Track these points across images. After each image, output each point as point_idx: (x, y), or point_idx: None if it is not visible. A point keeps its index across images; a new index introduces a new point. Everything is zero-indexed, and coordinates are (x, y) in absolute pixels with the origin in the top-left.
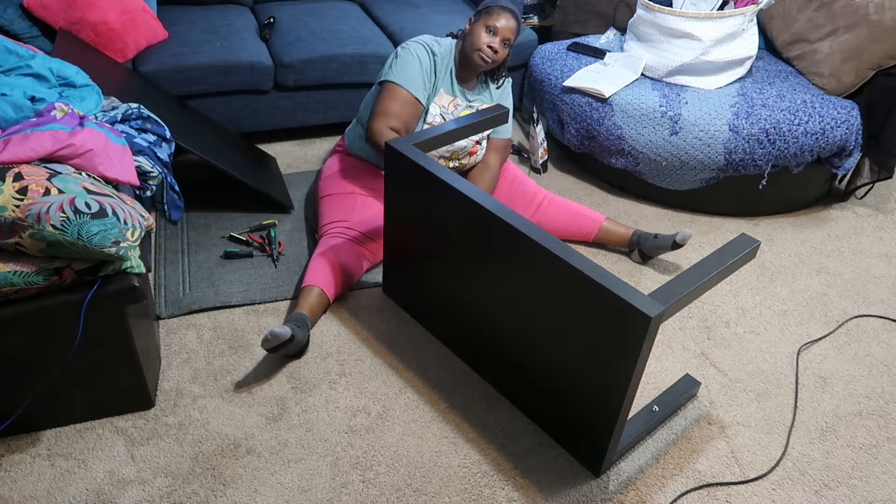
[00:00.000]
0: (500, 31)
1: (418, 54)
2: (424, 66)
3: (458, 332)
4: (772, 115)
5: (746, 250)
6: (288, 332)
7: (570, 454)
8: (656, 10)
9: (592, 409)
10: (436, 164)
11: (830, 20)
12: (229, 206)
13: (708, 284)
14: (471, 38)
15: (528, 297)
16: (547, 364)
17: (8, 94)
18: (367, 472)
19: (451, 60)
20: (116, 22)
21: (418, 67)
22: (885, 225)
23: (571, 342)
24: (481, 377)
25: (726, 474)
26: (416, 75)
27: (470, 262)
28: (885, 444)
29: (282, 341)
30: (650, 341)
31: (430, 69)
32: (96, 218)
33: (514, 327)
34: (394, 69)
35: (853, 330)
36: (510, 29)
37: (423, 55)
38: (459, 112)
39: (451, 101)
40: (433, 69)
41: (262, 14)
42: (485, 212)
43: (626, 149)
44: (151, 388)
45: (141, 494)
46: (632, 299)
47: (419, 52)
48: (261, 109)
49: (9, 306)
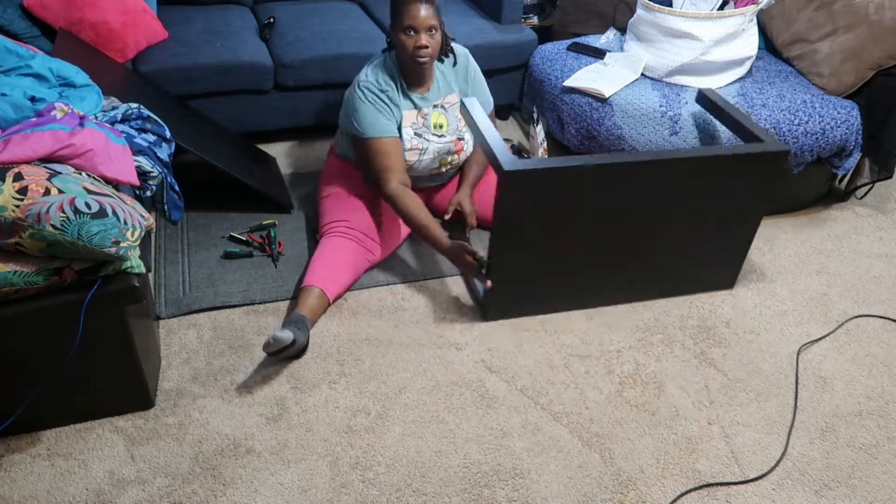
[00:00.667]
0: (420, 26)
1: (371, 101)
2: (382, 107)
3: (585, 285)
4: (772, 115)
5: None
6: (290, 337)
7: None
8: (656, 10)
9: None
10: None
11: (830, 20)
12: (229, 206)
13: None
14: (399, 49)
15: (666, 200)
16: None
17: (8, 94)
18: (366, 473)
19: (397, 79)
20: (116, 22)
21: (377, 110)
22: (885, 225)
23: (704, 212)
24: (602, 306)
25: (726, 474)
26: (378, 118)
27: (609, 214)
28: (885, 444)
29: (283, 346)
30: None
31: (386, 103)
32: (96, 218)
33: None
34: (363, 125)
35: (853, 330)
36: (428, 17)
37: (374, 98)
38: (430, 120)
39: (415, 114)
40: (388, 101)
41: (262, 14)
42: (626, 165)
43: (626, 149)
44: (151, 388)
45: (141, 494)
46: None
47: (370, 98)
48: (261, 109)
49: (9, 306)
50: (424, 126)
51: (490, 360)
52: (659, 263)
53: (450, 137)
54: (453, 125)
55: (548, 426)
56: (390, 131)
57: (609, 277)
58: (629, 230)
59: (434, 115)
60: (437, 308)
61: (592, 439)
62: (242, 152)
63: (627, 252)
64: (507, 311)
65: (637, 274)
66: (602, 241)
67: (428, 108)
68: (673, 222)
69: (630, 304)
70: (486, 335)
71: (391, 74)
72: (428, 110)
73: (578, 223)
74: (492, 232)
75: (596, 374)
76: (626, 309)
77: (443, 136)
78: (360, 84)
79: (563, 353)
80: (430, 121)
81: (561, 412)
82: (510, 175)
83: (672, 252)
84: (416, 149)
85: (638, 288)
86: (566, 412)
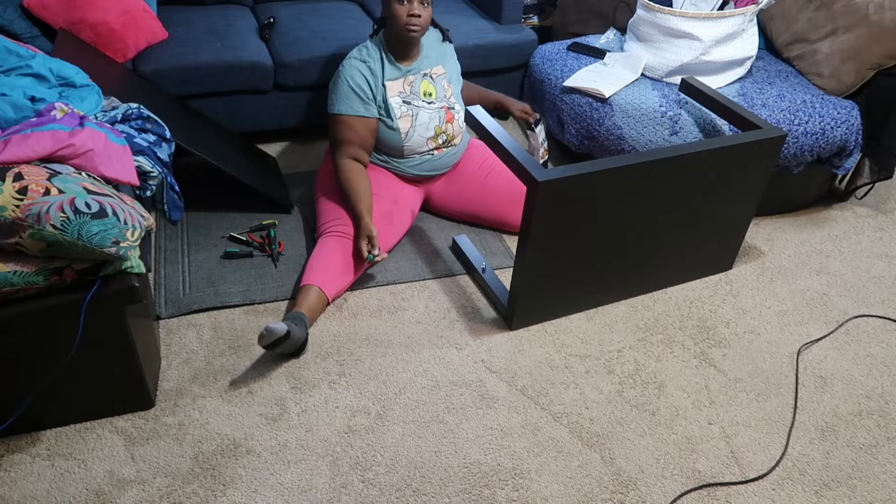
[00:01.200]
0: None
1: (349, 75)
2: (358, 81)
3: (601, 283)
4: (772, 115)
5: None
6: (284, 328)
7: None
8: (656, 10)
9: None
10: (590, 164)
11: (830, 20)
12: (229, 206)
13: None
14: (392, 20)
15: (684, 193)
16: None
17: (8, 94)
18: (366, 473)
19: (383, 53)
20: (116, 22)
21: (352, 88)
22: (885, 225)
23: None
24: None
25: (726, 474)
26: (352, 97)
27: (629, 214)
28: (885, 444)
29: (277, 337)
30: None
31: (366, 79)
32: (96, 218)
33: (667, 222)
34: (336, 100)
35: (853, 330)
36: None
37: (354, 72)
38: (419, 85)
39: (402, 82)
40: (370, 74)
41: (262, 14)
42: (653, 163)
43: (626, 149)
44: (151, 388)
45: (141, 494)
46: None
47: (349, 73)
48: (261, 109)
49: (9, 306)
50: (412, 93)
51: (490, 360)
52: (662, 255)
53: (439, 104)
54: (441, 94)
55: (548, 426)
56: (360, 111)
57: (620, 274)
58: (642, 225)
59: (423, 84)
60: (437, 308)
61: (592, 439)
62: (242, 152)
63: (637, 247)
64: (532, 319)
65: (642, 267)
66: (620, 240)
67: (415, 75)
68: (680, 212)
69: (630, 304)
70: (486, 335)
71: (378, 49)
72: (414, 77)
73: (603, 225)
74: (521, 243)
75: (596, 374)
76: (626, 309)
77: (432, 103)
78: (342, 65)
79: (563, 353)
80: (417, 87)
81: (561, 412)
82: (544, 185)
83: (675, 241)
84: (406, 115)
85: (644, 281)
86: (566, 412)
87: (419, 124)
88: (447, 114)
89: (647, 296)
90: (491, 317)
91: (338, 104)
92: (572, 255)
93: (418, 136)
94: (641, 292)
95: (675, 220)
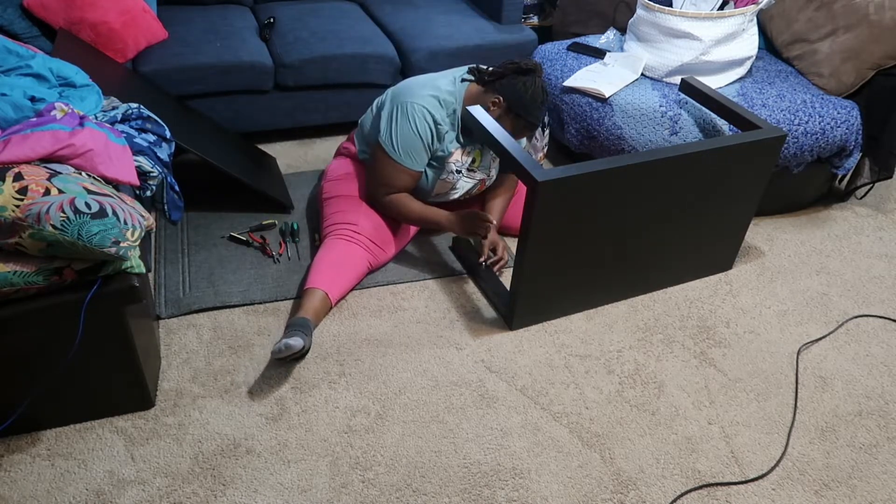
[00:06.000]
0: (530, 135)
1: (419, 130)
2: (426, 139)
3: (600, 283)
4: (772, 115)
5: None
6: (301, 344)
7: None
8: (656, 10)
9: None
10: (590, 164)
11: (830, 20)
12: (229, 206)
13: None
14: (499, 120)
15: (682, 193)
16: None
17: (8, 94)
18: (366, 473)
19: (456, 120)
20: (116, 22)
21: (420, 146)
22: (885, 225)
23: (718, 196)
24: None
25: (726, 474)
26: (415, 153)
27: (629, 213)
28: (885, 444)
29: (294, 353)
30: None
31: (431, 139)
32: (96, 218)
33: (666, 221)
34: (400, 149)
35: (853, 330)
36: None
37: (424, 128)
38: (473, 153)
39: (461, 152)
40: (434, 137)
41: (262, 14)
42: (654, 163)
43: (626, 149)
44: (151, 388)
45: (141, 494)
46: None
47: (419, 126)
48: (261, 109)
49: (9, 306)
50: (464, 163)
51: (490, 360)
52: (662, 255)
53: (479, 175)
54: (486, 163)
55: (548, 426)
56: (420, 166)
57: (620, 273)
58: (642, 225)
59: (476, 152)
60: (437, 308)
61: (592, 439)
62: (242, 152)
63: (637, 247)
64: (531, 319)
65: (642, 267)
66: (620, 239)
67: (472, 146)
68: (680, 212)
69: (630, 304)
70: (486, 335)
71: (451, 112)
72: (471, 148)
73: (603, 225)
74: (521, 242)
75: (596, 374)
76: (626, 309)
77: (473, 173)
78: (415, 105)
79: (563, 353)
80: (471, 156)
81: (561, 412)
82: (544, 186)
83: (675, 241)
84: (448, 182)
85: (644, 281)
86: (566, 412)
87: (453, 190)
88: (481, 184)
89: (647, 296)
90: (491, 317)
91: (404, 157)
92: (572, 255)
93: (443, 199)
94: (641, 292)
95: (676, 219)
